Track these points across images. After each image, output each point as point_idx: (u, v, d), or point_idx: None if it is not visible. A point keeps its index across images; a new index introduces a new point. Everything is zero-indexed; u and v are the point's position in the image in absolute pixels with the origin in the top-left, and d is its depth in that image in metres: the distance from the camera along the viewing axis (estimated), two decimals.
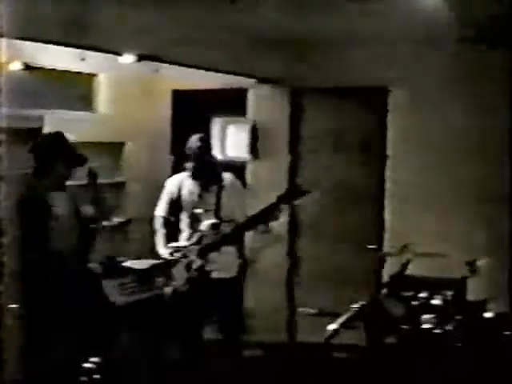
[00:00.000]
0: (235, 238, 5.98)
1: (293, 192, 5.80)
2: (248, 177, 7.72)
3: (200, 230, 5.97)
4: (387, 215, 7.39)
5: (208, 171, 6.09)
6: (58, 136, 5.34)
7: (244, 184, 7.01)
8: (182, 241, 6.10)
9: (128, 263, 6.50)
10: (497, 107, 6.92)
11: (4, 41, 4.40)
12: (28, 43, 5.27)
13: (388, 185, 7.38)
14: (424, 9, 5.41)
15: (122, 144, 7.63)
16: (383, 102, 7.30)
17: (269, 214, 5.69)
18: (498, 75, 6.88)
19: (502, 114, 6.92)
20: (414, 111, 7.20)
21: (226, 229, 5.91)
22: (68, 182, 5.39)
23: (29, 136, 5.67)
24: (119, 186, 7.52)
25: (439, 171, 7.12)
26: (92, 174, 5.41)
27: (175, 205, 6.17)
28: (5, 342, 4.11)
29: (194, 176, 6.10)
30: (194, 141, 6.07)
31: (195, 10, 5.47)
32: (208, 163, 6.09)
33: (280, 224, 6.12)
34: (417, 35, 6.50)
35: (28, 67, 6.20)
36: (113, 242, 7.20)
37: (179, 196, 6.15)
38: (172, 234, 6.19)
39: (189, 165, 6.08)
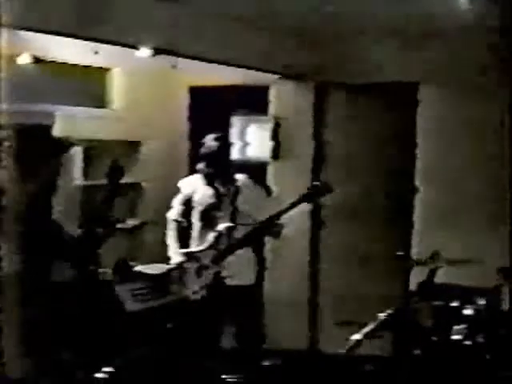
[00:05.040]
0: (252, 241, 5.77)
1: (317, 189, 5.54)
2: (269, 178, 7.52)
3: (215, 235, 5.77)
4: (417, 225, 7.07)
5: (223, 173, 5.93)
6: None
7: (265, 186, 6.84)
8: (195, 245, 5.91)
9: (141, 268, 6.33)
10: None
11: (11, 32, 4.33)
12: (37, 35, 5.08)
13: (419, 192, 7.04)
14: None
15: (137, 143, 7.46)
16: (414, 98, 6.97)
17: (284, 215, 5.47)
18: None
19: None
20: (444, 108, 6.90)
21: (241, 232, 5.70)
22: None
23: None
24: (134, 187, 7.33)
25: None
26: (116, 170, 5.10)
27: (188, 208, 5.99)
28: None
29: (209, 178, 5.93)
30: (209, 141, 5.92)
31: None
32: (224, 165, 5.94)
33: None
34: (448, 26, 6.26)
35: (38, 60, 6.07)
36: (126, 245, 7.08)
37: (192, 198, 5.98)
38: (185, 237, 6.02)
39: (203, 166, 5.92)
